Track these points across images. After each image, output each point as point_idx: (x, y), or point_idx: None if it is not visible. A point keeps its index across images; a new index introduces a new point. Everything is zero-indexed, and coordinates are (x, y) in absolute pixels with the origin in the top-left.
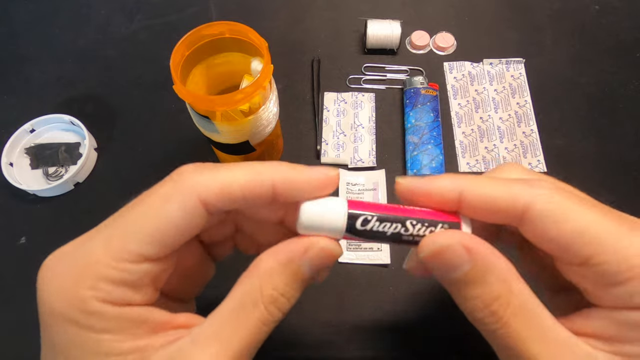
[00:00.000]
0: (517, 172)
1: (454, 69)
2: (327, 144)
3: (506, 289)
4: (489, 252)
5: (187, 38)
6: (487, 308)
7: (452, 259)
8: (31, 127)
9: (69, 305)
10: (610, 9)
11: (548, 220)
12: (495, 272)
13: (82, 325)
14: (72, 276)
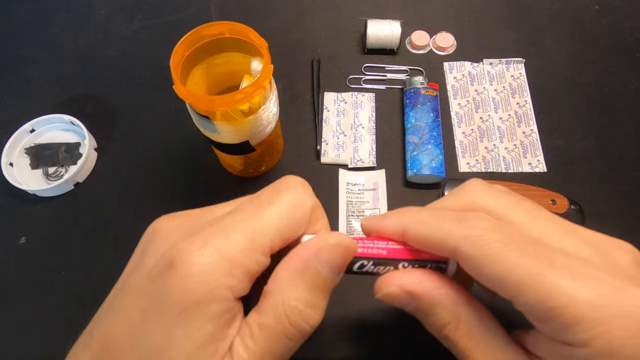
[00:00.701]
0: (476, 191)
1: (454, 69)
2: (327, 144)
3: (454, 317)
4: (432, 290)
5: (187, 38)
6: (440, 333)
7: (397, 300)
8: (31, 127)
9: (199, 285)
10: (610, 9)
11: (472, 263)
12: (440, 305)
13: (199, 307)
14: (215, 263)
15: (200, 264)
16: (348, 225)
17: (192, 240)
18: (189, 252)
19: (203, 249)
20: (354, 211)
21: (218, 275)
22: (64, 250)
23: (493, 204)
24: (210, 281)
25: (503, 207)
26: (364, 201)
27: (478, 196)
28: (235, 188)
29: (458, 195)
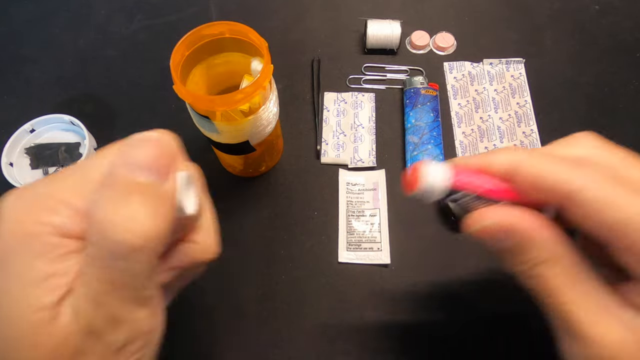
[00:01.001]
0: (587, 144)
1: (454, 69)
2: (327, 144)
3: (551, 255)
4: (530, 227)
5: (187, 38)
6: (531, 271)
7: (493, 236)
8: (31, 127)
9: (21, 223)
10: (610, 9)
11: (595, 207)
12: (537, 243)
13: (24, 245)
14: (32, 203)
15: (16, 206)
16: (348, 225)
17: (14, 190)
18: (6, 198)
19: (19, 193)
20: (354, 211)
21: (35, 213)
22: None
23: (607, 159)
24: (25, 220)
25: (618, 163)
26: (364, 201)
27: (591, 150)
28: (235, 188)
29: (569, 145)
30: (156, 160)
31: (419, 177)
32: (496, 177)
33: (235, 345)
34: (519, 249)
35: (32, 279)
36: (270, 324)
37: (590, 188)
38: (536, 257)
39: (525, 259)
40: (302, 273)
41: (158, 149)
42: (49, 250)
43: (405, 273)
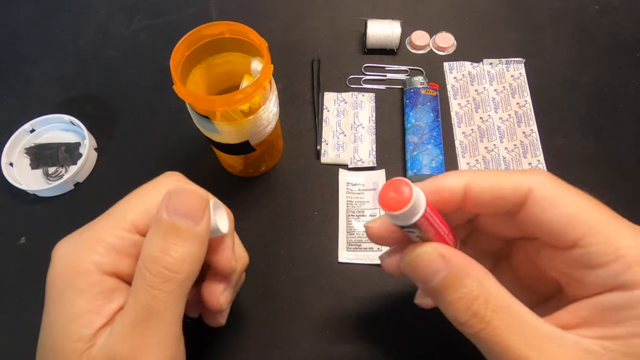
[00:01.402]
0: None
1: (454, 69)
2: (327, 144)
3: (483, 290)
4: (462, 258)
5: (187, 38)
6: (469, 309)
7: (429, 265)
8: (31, 127)
9: (66, 265)
10: (610, 9)
11: (546, 204)
12: (470, 275)
13: (69, 282)
14: (76, 244)
15: (64, 250)
16: (348, 225)
17: (66, 237)
18: (58, 245)
19: (69, 238)
20: (354, 211)
21: (79, 255)
22: None
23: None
24: (71, 261)
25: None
26: (364, 201)
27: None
28: (235, 188)
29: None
30: (192, 208)
31: (408, 198)
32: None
33: (235, 345)
34: (451, 284)
35: (74, 314)
36: (270, 324)
37: (544, 186)
38: (469, 293)
39: (458, 296)
40: (302, 273)
41: (194, 199)
42: (89, 288)
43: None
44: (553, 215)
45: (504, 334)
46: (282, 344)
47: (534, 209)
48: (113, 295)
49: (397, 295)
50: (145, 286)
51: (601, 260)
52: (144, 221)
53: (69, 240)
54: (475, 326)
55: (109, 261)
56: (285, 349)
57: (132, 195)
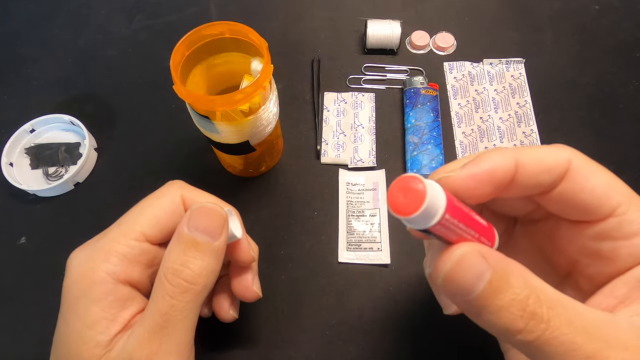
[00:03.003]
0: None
1: (454, 69)
2: (327, 144)
3: (531, 286)
4: (502, 255)
5: (187, 38)
6: (525, 311)
7: (471, 268)
8: (31, 127)
9: (82, 275)
10: (610, 9)
11: (585, 173)
12: (515, 273)
13: (84, 291)
14: (90, 254)
15: (79, 260)
16: (348, 225)
17: (80, 247)
18: (72, 255)
19: (82, 248)
20: (354, 211)
21: (93, 264)
22: (64, 250)
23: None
24: (86, 271)
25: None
26: (364, 201)
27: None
28: (235, 188)
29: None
30: (211, 225)
31: (420, 199)
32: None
33: (236, 346)
34: (499, 285)
35: (90, 321)
36: (271, 324)
37: (579, 156)
38: (519, 293)
39: (508, 300)
40: (302, 273)
41: (213, 217)
42: (104, 297)
43: (405, 273)
44: (594, 183)
45: (567, 331)
46: (282, 344)
47: (576, 177)
48: (127, 303)
49: (397, 295)
50: (164, 295)
51: (638, 227)
52: (152, 230)
53: (83, 251)
54: (535, 329)
55: (122, 270)
56: (285, 349)
57: (139, 205)
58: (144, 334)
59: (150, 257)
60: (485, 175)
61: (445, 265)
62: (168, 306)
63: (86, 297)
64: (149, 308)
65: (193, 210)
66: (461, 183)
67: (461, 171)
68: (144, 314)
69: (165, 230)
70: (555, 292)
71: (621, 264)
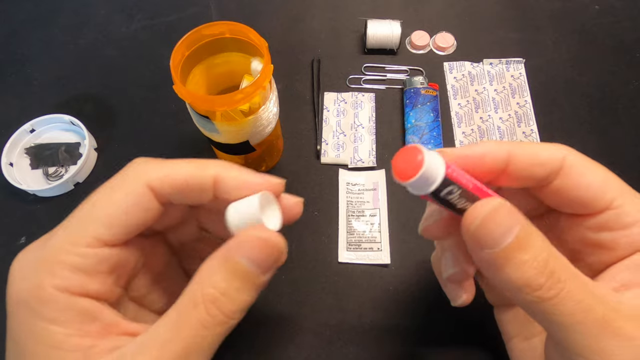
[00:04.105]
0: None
1: (454, 69)
2: (327, 144)
3: (550, 250)
4: (525, 217)
5: (187, 38)
6: (546, 268)
7: (504, 220)
8: (31, 127)
9: (29, 292)
10: (610, 9)
11: (579, 170)
12: (538, 234)
13: (37, 312)
14: (34, 265)
15: (22, 272)
16: (348, 225)
17: (24, 250)
18: (15, 264)
19: (26, 253)
20: (354, 211)
21: (38, 280)
22: None
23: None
24: (31, 287)
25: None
26: (364, 201)
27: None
28: None
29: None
30: (266, 261)
31: (418, 164)
32: (493, 165)
33: (236, 346)
34: (524, 241)
35: (55, 341)
36: (271, 324)
37: (574, 154)
38: (540, 253)
39: (531, 256)
40: (302, 273)
41: (272, 251)
42: (62, 314)
43: (405, 273)
44: (589, 179)
45: (581, 293)
46: (282, 344)
47: (570, 174)
48: (94, 316)
49: (397, 295)
50: (197, 323)
51: (634, 218)
52: (109, 232)
53: (26, 258)
54: (554, 287)
55: (75, 284)
56: (285, 349)
57: (92, 199)
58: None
59: (113, 262)
60: (475, 158)
61: (480, 214)
62: (200, 337)
63: (39, 318)
64: (165, 331)
65: (251, 237)
66: (453, 160)
67: (453, 151)
68: (155, 336)
69: (128, 228)
70: (569, 263)
71: (621, 252)
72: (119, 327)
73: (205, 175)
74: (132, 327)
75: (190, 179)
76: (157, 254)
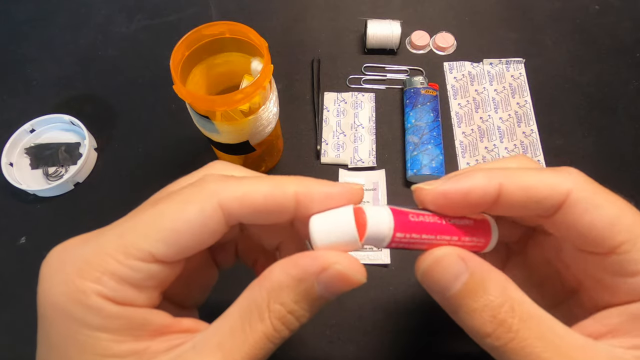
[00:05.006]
0: (527, 164)
1: (454, 69)
2: (327, 144)
3: (508, 296)
4: (483, 262)
5: (187, 38)
6: (495, 318)
7: (449, 268)
8: (31, 127)
9: (70, 297)
10: (610, 9)
11: (586, 206)
12: (493, 280)
13: (80, 320)
14: (77, 268)
15: (61, 275)
16: None
17: (59, 246)
18: (49, 261)
19: (65, 251)
20: None
21: (83, 285)
22: None
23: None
24: (73, 292)
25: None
26: (363, 201)
27: (530, 164)
28: None
29: (512, 162)
30: (340, 291)
31: (362, 228)
32: (482, 199)
33: None
34: (475, 288)
35: (101, 348)
36: None
37: (582, 187)
38: (493, 300)
39: (481, 305)
40: None
41: (348, 286)
42: (109, 322)
43: (405, 273)
44: (594, 219)
45: (534, 345)
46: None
47: (573, 211)
48: (143, 322)
49: (397, 295)
50: (262, 335)
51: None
52: (167, 250)
53: (63, 259)
54: (502, 337)
55: (122, 295)
56: (285, 349)
57: (160, 207)
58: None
59: (160, 279)
60: (458, 195)
61: (424, 262)
62: (262, 348)
63: (83, 325)
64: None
65: (337, 271)
66: (432, 200)
67: (437, 187)
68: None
69: (185, 250)
70: (535, 308)
71: (620, 297)
72: (171, 327)
73: (286, 193)
74: (183, 324)
75: (271, 199)
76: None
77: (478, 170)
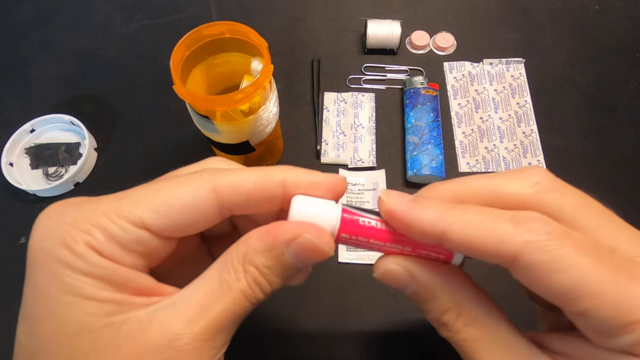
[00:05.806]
0: (541, 183)
1: (454, 69)
2: (327, 144)
3: (455, 303)
4: (434, 274)
5: (187, 38)
6: (438, 320)
7: (395, 280)
8: (31, 127)
9: (60, 242)
10: (610, 9)
11: (539, 271)
12: (443, 289)
13: (66, 262)
14: (72, 219)
15: (54, 222)
16: None
17: (57, 203)
18: (46, 212)
19: (62, 205)
20: None
21: (74, 232)
22: None
23: (560, 204)
24: (64, 236)
25: (572, 208)
26: (364, 201)
27: (543, 191)
28: None
29: (515, 179)
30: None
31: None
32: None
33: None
34: (422, 297)
35: (85, 292)
36: (270, 324)
37: (532, 250)
38: (439, 306)
39: (429, 307)
40: None
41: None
42: (94, 270)
43: None
44: (549, 285)
45: (473, 344)
46: (283, 344)
47: (525, 274)
48: (127, 277)
49: (397, 295)
50: (239, 293)
51: (611, 332)
52: (158, 220)
53: (57, 213)
54: (443, 334)
55: (108, 250)
56: (285, 349)
57: (157, 184)
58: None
59: (148, 249)
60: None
61: (377, 270)
62: (238, 305)
63: (69, 267)
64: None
65: (306, 240)
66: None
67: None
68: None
69: (176, 226)
70: (484, 314)
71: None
72: (153, 290)
73: (274, 180)
74: (165, 289)
75: (260, 185)
76: (188, 240)
77: (432, 205)
